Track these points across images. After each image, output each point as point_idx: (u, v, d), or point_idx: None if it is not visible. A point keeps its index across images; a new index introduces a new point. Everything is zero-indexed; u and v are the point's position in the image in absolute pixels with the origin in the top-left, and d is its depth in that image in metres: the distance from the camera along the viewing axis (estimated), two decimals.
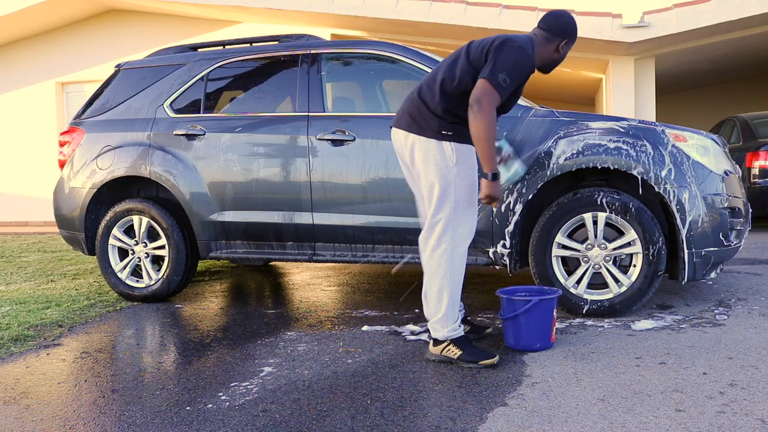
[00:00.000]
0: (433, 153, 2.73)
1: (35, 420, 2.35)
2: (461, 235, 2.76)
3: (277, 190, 3.90)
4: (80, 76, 11.11)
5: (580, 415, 2.19)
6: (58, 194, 4.52)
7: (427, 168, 2.75)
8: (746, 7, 8.14)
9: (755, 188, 7.15)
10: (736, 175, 3.62)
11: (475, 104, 2.60)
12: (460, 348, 2.77)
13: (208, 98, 4.22)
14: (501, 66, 2.62)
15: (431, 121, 2.74)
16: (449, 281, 2.76)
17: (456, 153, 2.73)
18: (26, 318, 3.87)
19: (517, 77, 2.67)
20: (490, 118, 2.60)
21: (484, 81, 2.62)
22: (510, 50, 2.65)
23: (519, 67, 2.66)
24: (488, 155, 2.64)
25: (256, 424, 2.23)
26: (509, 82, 2.64)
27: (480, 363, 2.73)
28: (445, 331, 2.79)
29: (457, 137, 2.74)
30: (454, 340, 2.79)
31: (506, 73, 2.63)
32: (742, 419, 2.11)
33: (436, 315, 2.81)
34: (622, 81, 9.44)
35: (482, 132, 2.61)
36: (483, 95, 2.60)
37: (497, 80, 2.61)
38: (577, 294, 3.45)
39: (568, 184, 3.74)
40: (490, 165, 2.66)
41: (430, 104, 2.76)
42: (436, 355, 2.83)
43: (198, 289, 4.78)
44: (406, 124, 2.81)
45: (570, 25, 2.84)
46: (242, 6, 9.32)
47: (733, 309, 3.57)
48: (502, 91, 2.63)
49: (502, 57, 2.64)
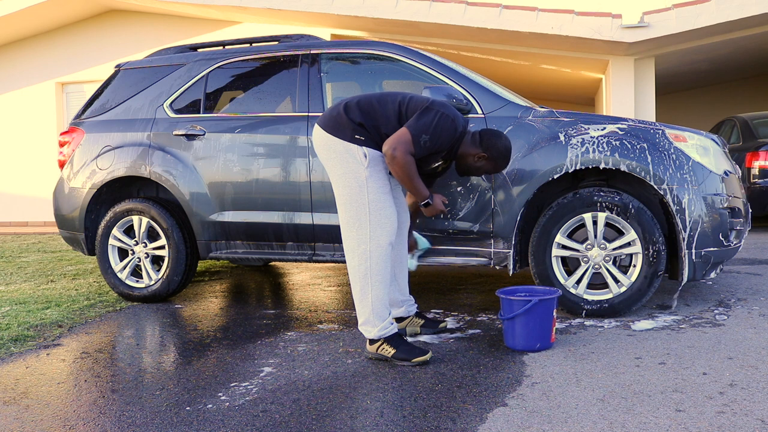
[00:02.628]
0: (346, 155, 2.80)
1: (35, 420, 2.35)
2: (379, 236, 2.80)
3: (277, 191, 3.91)
4: (80, 76, 11.11)
5: (580, 415, 2.19)
6: (58, 194, 4.53)
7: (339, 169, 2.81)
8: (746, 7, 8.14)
9: (755, 188, 7.15)
10: (736, 175, 3.62)
11: (390, 151, 2.71)
12: (393, 346, 2.83)
13: (208, 98, 4.22)
14: (426, 127, 2.74)
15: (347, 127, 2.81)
16: (371, 280, 2.80)
17: (368, 157, 2.80)
18: (26, 318, 3.87)
19: (437, 144, 2.78)
20: (405, 161, 2.72)
21: (406, 131, 2.72)
22: (443, 118, 2.77)
23: (443, 136, 2.78)
24: (415, 190, 2.82)
25: (256, 425, 2.23)
26: (429, 145, 2.75)
27: (413, 361, 2.78)
28: (376, 330, 2.84)
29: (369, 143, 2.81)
30: (386, 338, 2.84)
31: (428, 135, 2.74)
32: (742, 419, 2.11)
33: (362, 316, 2.86)
34: (622, 81, 9.44)
35: (403, 174, 2.75)
36: (398, 143, 2.71)
37: (417, 137, 2.72)
38: (577, 294, 3.45)
39: (568, 184, 3.74)
40: (421, 196, 2.85)
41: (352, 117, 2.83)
42: (373, 354, 2.89)
43: (198, 289, 4.78)
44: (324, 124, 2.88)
45: (499, 150, 3.00)
46: (242, 6, 9.32)
47: (733, 309, 3.57)
48: (419, 149, 2.74)
49: (430, 119, 2.75)
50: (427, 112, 2.77)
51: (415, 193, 2.84)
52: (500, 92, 3.78)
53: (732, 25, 8.51)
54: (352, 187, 2.79)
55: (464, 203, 3.56)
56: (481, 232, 3.56)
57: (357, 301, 2.86)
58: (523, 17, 8.72)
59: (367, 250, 2.79)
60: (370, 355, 2.91)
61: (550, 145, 3.45)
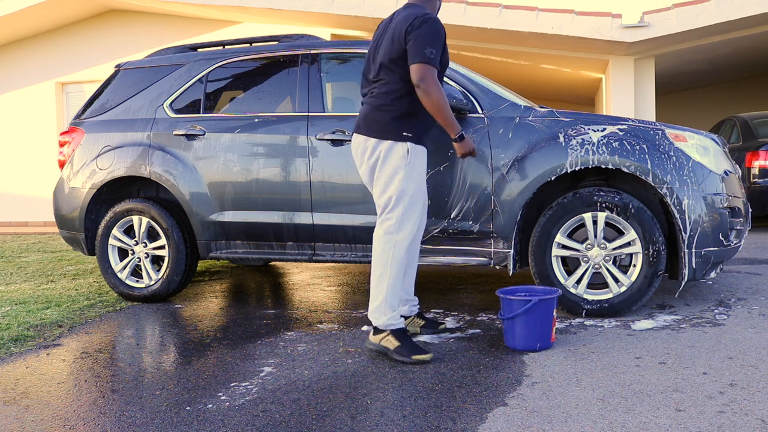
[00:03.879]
0: (392, 154, 2.91)
1: (35, 420, 2.35)
2: (408, 229, 2.91)
3: (277, 190, 3.90)
4: (80, 76, 11.11)
5: (580, 415, 2.19)
6: (58, 194, 4.53)
7: (385, 168, 2.92)
8: (746, 7, 8.14)
9: (755, 188, 7.15)
10: (736, 175, 3.62)
11: (422, 84, 2.83)
12: (398, 340, 2.87)
13: (208, 98, 4.22)
14: (423, 43, 2.84)
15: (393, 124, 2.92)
16: (390, 269, 2.90)
17: (411, 153, 2.91)
18: (26, 318, 3.87)
19: (440, 44, 2.89)
20: (439, 90, 2.85)
21: (419, 64, 2.83)
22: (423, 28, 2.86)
23: (437, 36, 2.87)
24: (448, 122, 2.91)
25: (256, 424, 2.23)
26: (435, 53, 2.86)
27: (413, 358, 2.81)
28: (385, 318, 2.90)
29: (414, 138, 2.93)
30: (393, 331, 2.90)
31: (431, 47, 2.84)
32: (742, 419, 2.11)
33: (375, 301, 2.93)
34: (622, 81, 9.44)
35: (435, 104, 2.85)
36: (424, 75, 2.83)
37: (426, 56, 2.83)
38: (577, 294, 3.45)
39: (568, 184, 3.74)
40: (454, 129, 2.94)
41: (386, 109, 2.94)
42: (375, 345, 2.93)
43: (198, 289, 4.78)
44: (363, 128, 2.99)
45: None
46: (242, 6, 9.32)
47: (733, 309, 3.57)
48: (434, 62, 2.85)
49: (419, 37, 2.85)
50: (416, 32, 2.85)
51: (450, 125, 2.92)
52: (500, 92, 3.78)
53: (732, 25, 8.51)
54: (397, 184, 2.91)
55: (464, 203, 3.56)
56: (481, 231, 3.56)
57: (373, 287, 2.94)
58: (523, 17, 8.72)
59: (394, 239, 2.89)
60: (371, 346, 2.94)
61: (550, 145, 3.45)
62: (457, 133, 2.95)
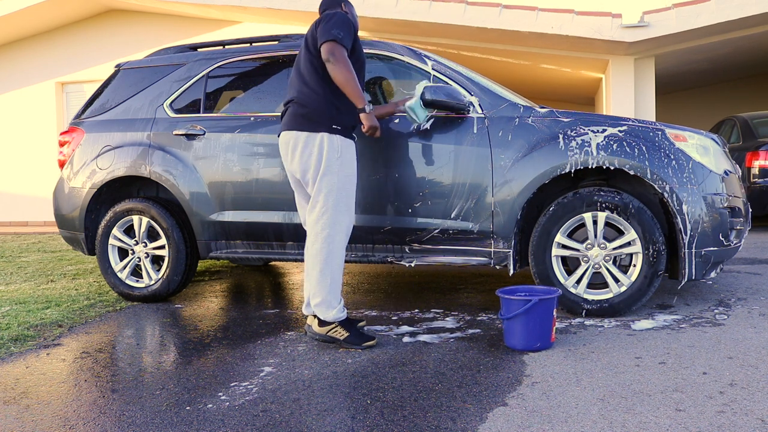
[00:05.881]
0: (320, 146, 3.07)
1: (35, 420, 2.35)
2: (341, 222, 3.07)
3: (277, 190, 3.90)
4: (80, 76, 11.11)
5: (580, 415, 2.19)
6: (58, 194, 4.52)
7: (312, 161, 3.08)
8: (746, 7, 8.13)
9: (755, 188, 7.15)
10: (736, 175, 3.62)
11: (331, 57, 2.99)
12: (346, 330, 3.07)
13: (208, 98, 4.22)
14: (330, 26, 3.03)
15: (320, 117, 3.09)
16: (331, 264, 3.06)
17: (340, 145, 3.08)
18: (26, 318, 3.87)
19: (348, 27, 3.06)
20: (346, 64, 3.00)
21: (327, 43, 3.01)
22: (330, 14, 3.09)
23: (344, 20, 3.07)
24: (355, 94, 3.03)
25: (256, 424, 2.23)
26: (343, 34, 3.03)
27: (363, 345, 3.03)
28: (333, 312, 3.08)
29: (342, 131, 3.10)
30: (341, 322, 3.09)
31: (337, 29, 3.02)
32: (742, 419, 2.11)
33: (318, 296, 3.09)
34: (622, 81, 9.44)
35: (345, 77, 3.00)
36: (332, 50, 3.00)
37: (333, 36, 3.00)
38: (577, 294, 3.45)
39: (568, 184, 3.74)
40: (361, 101, 3.06)
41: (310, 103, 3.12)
42: (321, 335, 3.11)
43: (198, 289, 4.78)
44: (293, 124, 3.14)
45: None
46: (242, 6, 9.32)
47: (733, 309, 3.57)
48: (344, 40, 3.02)
49: (327, 22, 3.06)
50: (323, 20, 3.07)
51: (357, 97, 3.04)
52: (500, 92, 3.78)
53: (732, 25, 8.51)
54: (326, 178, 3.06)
55: (464, 203, 3.55)
56: (481, 231, 3.56)
57: (315, 282, 3.09)
58: (523, 17, 8.71)
59: (330, 234, 3.05)
60: (318, 337, 3.12)
61: (550, 145, 3.45)
62: (362, 104, 3.06)
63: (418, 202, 3.63)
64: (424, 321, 3.55)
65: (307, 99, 3.11)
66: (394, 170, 3.66)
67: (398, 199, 3.66)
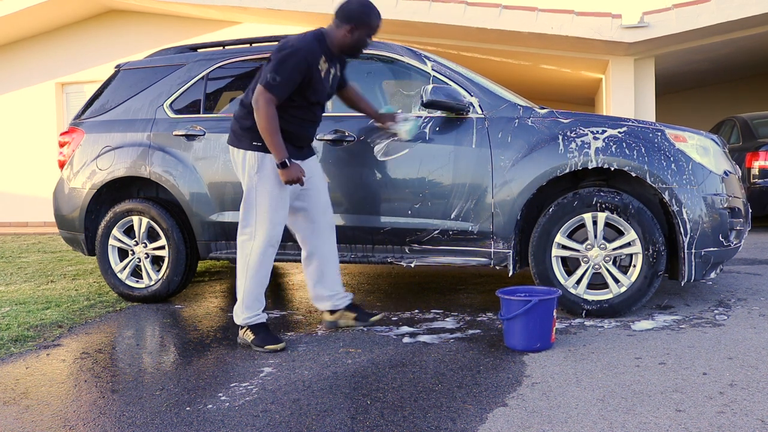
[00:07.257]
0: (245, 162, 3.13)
1: (35, 420, 2.35)
2: (259, 236, 3.13)
3: None
4: (80, 76, 11.11)
5: (580, 415, 2.19)
6: (58, 195, 4.52)
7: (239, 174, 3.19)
8: (746, 7, 8.13)
9: (755, 188, 7.15)
10: (735, 175, 3.62)
11: (254, 105, 3.00)
12: (254, 333, 3.16)
13: (208, 99, 4.22)
14: (271, 69, 2.98)
15: (245, 134, 3.13)
16: (246, 274, 3.15)
17: (258, 161, 3.10)
18: (26, 318, 3.87)
19: (289, 73, 2.96)
20: (266, 115, 2.97)
21: (259, 86, 3.00)
22: (278, 54, 2.98)
23: (287, 65, 2.96)
24: (273, 146, 3.01)
25: (256, 425, 2.23)
26: (279, 80, 2.96)
27: (265, 347, 3.09)
28: (243, 317, 3.18)
29: (264, 148, 3.08)
30: (251, 326, 3.18)
31: (275, 73, 2.96)
32: (742, 419, 2.11)
33: (237, 303, 3.21)
34: (622, 81, 9.44)
35: (263, 128, 2.99)
36: (258, 96, 2.99)
37: (267, 81, 2.97)
38: (577, 294, 3.45)
39: (568, 184, 3.74)
40: (278, 155, 3.02)
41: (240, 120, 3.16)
42: (241, 339, 3.22)
43: (198, 290, 4.78)
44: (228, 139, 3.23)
45: (356, 12, 3.06)
46: (242, 6, 9.32)
47: (732, 309, 3.57)
48: (274, 89, 2.97)
49: (272, 62, 2.99)
50: (273, 56, 3.00)
51: (275, 149, 3.01)
52: (500, 92, 3.78)
53: (732, 25, 8.51)
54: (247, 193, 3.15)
55: (464, 203, 3.56)
56: (481, 232, 3.56)
57: (237, 289, 3.21)
58: (523, 17, 8.71)
59: (253, 249, 3.14)
60: (240, 341, 3.21)
61: (549, 146, 3.45)
62: (280, 159, 3.02)
63: (418, 202, 3.63)
64: (424, 321, 3.55)
65: (238, 115, 3.18)
66: (394, 171, 3.66)
67: (398, 199, 3.66)
